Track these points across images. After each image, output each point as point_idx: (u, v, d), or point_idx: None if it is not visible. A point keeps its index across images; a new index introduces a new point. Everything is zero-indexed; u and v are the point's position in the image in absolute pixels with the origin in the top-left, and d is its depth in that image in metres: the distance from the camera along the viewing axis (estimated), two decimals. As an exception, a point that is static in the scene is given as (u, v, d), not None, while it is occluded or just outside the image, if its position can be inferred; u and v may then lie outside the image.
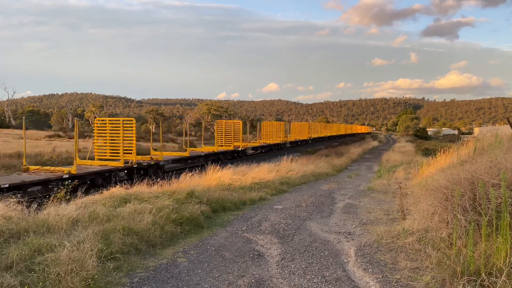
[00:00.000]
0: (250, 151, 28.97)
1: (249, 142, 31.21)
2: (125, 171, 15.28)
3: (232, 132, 25.78)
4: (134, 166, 15.16)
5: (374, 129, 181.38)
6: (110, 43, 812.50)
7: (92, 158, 15.64)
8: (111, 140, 15.45)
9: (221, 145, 24.94)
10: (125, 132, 15.10)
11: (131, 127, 15.28)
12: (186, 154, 19.85)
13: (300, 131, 43.96)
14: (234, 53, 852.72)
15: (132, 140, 15.33)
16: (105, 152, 15.52)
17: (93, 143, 15.91)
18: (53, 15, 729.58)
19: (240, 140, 26.12)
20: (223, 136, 25.63)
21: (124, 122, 15.28)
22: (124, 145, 15.07)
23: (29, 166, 13.55)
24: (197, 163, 20.69)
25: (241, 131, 26.37)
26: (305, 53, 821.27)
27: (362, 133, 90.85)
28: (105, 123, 15.73)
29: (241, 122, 27.16)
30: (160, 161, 16.50)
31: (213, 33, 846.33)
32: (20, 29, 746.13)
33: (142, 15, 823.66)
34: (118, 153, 15.05)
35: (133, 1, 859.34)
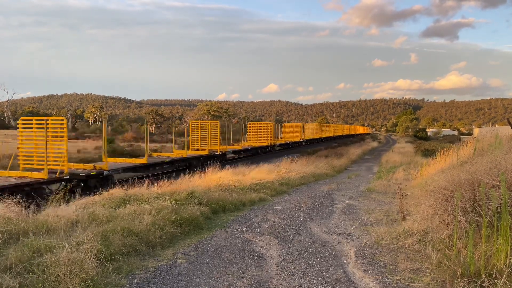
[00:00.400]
0: (231, 155, 25.74)
1: (233, 145, 27.77)
2: (62, 184, 12.09)
3: (208, 134, 22.43)
4: (65, 177, 11.93)
5: (373, 129, 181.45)
6: (110, 44, 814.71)
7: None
8: (36, 144, 12.61)
9: (197, 149, 22.15)
10: (53, 133, 12.45)
11: (62, 127, 12.44)
12: (143, 161, 16.52)
13: (292, 132, 41.07)
14: (234, 54, 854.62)
15: (63, 143, 12.20)
16: (32, 160, 12.63)
17: (18, 148, 13.11)
18: (53, 15, 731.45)
19: (218, 143, 22.61)
20: (199, 139, 22.73)
21: (52, 121, 12.61)
22: (51, 150, 12.17)
23: None
24: (161, 170, 17.81)
25: (218, 132, 22.86)
26: (305, 54, 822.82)
27: (360, 134, 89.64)
28: (32, 123, 12.85)
29: (218, 122, 23.81)
30: (105, 170, 13.35)
31: (213, 34, 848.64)
32: (20, 29, 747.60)
33: (142, 16, 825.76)
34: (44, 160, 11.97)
35: (134, 2, 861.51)
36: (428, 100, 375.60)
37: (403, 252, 6.17)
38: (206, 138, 22.49)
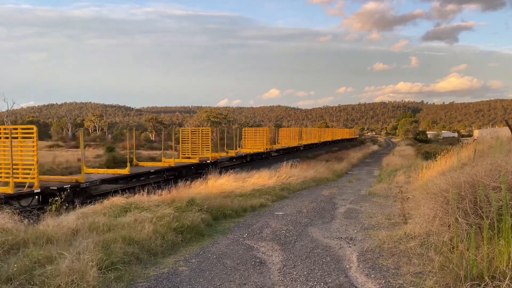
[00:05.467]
0: (224, 163, 24.12)
1: (226, 152, 25.70)
2: (34, 198, 11.00)
3: (200, 141, 21.25)
4: (35, 191, 10.75)
5: (373, 133, 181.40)
6: (112, 53, 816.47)
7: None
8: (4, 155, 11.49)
9: (188, 157, 20.93)
10: (22, 144, 11.47)
11: (31, 136, 11.44)
12: (125, 171, 15.01)
13: (289, 138, 39.40)
14: (236, 60, 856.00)
15: (33, 154, 11.15)
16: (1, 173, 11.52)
17: None
18: (56, 26, 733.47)
19: (209, 151, 21.18)
20: (189, 147, 21.53)
21: (22, 130, 11.77)
22: (20, 162, 11.24)
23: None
24: (146, 181, 16.10)
25: (209, 139, 21.62)
26: (306, 59, 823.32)
27: (352, 139, 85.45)
28: None
29: (210, 129, 22.63)
30: (82, 183, 12.10)
31: (215, 41, 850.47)
32: (23, 40, 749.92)
33: (145, 25, 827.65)
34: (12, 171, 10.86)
35: (136, 11, 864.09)
36: (427, 103, 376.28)
37: (405, 255, 6.15)
38: (196, 145, 21.24)
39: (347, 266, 6.05)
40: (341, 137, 68.30)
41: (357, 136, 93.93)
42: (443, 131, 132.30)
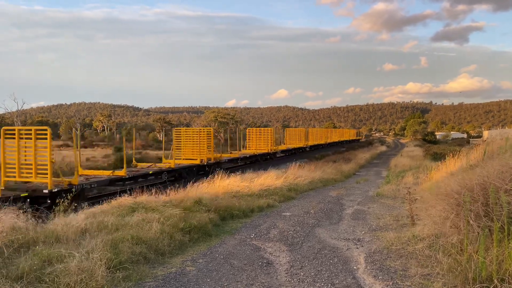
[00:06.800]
0: (227, 164, 22.97)
1: (230, 153, 25.05)
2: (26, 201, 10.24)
3: (204, 142, 20.12)
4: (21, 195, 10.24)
5: (381, 133, 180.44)
6: (122, 53, 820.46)
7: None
8: None
9: (190, 158, 19.97)
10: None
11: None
12: (121, 173, 14.23)
13: (295, 138, 38.70)
14: (245, 60, 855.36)
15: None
16: None
17: None
18: (67, 27, 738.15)
19: (212, 152, 20.37)
20: (191, 148, 20.31)
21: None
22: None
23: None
24: (144, 183, 15.39)
25: (212, 140, 20.72)
26: (315, 60, 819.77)
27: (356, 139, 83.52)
28: None
29: (211, 129, 21.87)
30: (75, 185, 11.53)
31: (224, 42, 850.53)
32: (35, 41, 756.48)
33: (155, 25, 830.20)
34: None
35: (147, 12, 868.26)
36: (436, 103, 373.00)
37: (413, 257, 6.11)
38: (197, 146, 20.04)
39: (355, 268, 6.03)
40: (348, 138, 67.35)
41: (360, 137, 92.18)
42: (452, 132, 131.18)
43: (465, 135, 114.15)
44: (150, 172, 15.83)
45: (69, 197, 9.08)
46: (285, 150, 34.29)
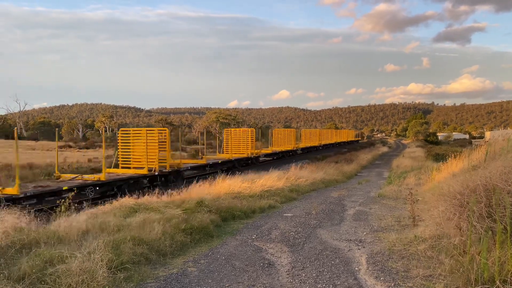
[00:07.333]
0: (190, 171, 20.50)
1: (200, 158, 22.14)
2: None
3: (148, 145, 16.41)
4: None
5: (383, 134, 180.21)
6: (124, 54, 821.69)
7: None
8: None
9: (130, 167, 16.76)
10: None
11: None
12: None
13: (284, 140, 36.19)
14: (247, 61, 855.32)
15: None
16: None
17: None
18: (69, 28, 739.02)
19: (167, 157, 17.09)
20: (142, 152, 16.67)
21: None
22: None
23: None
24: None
25: (168, 142, 17.10)
26: (317, 60, 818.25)
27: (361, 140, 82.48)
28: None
29: (167, 130, 18.05)
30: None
31: (225, 43, 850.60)
32: (37, 42, 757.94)
33: (157, 26, 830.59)
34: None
35: (149, 13, 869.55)
36: (438, 104, 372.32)
37: (415, 258, 6.10)
38: (144, 151, 16.22)
39: (356, 269, 6.02)
40: (346, 139, 65.15)
41: (360, 139, 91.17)
42: (454, 133, 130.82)
43: (467, 136, 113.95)
44: (65, 188, 12.32)
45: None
46: (270, 154, 30.83)
